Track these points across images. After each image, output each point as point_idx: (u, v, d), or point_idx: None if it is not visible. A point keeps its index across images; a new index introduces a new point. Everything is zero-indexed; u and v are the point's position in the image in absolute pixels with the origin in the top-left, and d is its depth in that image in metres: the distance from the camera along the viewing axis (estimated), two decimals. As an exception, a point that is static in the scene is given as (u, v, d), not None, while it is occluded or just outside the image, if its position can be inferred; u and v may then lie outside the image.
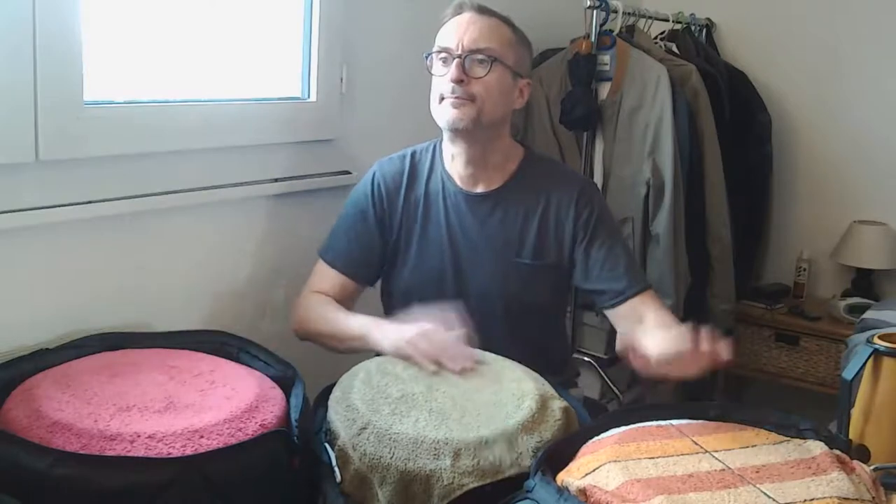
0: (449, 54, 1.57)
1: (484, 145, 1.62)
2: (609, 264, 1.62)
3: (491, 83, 1.56)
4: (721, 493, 0.98)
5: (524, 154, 1.69)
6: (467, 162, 1.63)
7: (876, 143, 2.89)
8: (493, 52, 1.56)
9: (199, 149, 1.65)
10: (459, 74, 1.54)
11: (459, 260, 1.66)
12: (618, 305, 1.61)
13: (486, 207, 1.65)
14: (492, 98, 1.56)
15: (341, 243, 1.69)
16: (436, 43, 1.60)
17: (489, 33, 1.57)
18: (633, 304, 1.60)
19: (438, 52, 1.59)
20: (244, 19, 1.77)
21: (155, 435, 1.11)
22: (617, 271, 1.61)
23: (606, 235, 1.64)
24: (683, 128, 2.47)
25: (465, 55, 1.55)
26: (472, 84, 1.55)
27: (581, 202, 1.64)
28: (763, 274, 3.09)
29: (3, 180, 1.34)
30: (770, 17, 3.02)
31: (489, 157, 1.64)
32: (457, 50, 1.56)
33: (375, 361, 1.40)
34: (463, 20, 1.59)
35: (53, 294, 1.45)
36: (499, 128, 1.63)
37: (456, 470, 1.13)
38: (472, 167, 1.64)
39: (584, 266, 1.63)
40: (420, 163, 1.70)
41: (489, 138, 1.61)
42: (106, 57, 1.51)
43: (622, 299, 1.60)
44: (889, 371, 1.25)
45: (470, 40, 1.55)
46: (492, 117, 1.58)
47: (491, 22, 1.59)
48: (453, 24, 1.60)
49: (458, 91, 1.55)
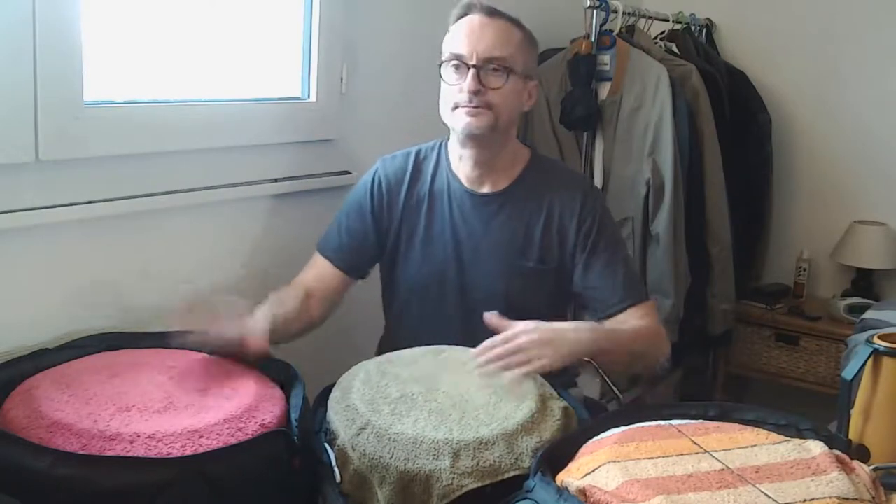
0: (462, 63, 1.54)
1: (494, 149, 1.62)
2: (607, 273, 1.62)
3: (507, 92, 1.55)
4: (721, 493, 0.98)
5: (530, 156, 1.70)
6: (476, 164, 1.64)
7: (876, 143, 2.90)
8: (508, 62, 1.54)
9: (199, 149, 1.65)
10: (476, 85, 1.52)
11: (463, 259, 1.66)
12: (611, 316, 1.62)
13: (492, 208, 1.65)
14: (507, 106, 1.56)
15: (334, 234, 1.70)
16: (446, 49, 1.58)
17: (502, 40, 1.55)
18: (626, 315, 1.60)
19: (450, 59, 1.56)
20: (244, 19, 1.77)
21: (155, 435, 1.10)
22: (614, 281, 1.62)
23: (607, 244, 1.64)
24: (683, 128, 2.47)
25: (481, 66, 1.53)
26: (488, 93, 1.54)
27: (585, 209, 1.64)
28: (763, 274, 3.09)
29: (3, 180, 1.34)
30: (770, 17, 3.03)
31: (497, 160, 1.64)
32: (471, 59, 1.53)
33: (375, 362, 1.40)
34: (474, 25, 1.56)
35: (53, 294, 1.45)
36: (509, 132, 1.64)
37: (455, 470, 1.13)
38: (480, 169, 1.64)
39: (583, 274, 1.64)
40: (425, 161, 1.70)
41: (500, 142, 1.62)
42: (106, 57, 1.51)
43: (615, 311, 1.61)
44: (889, 371, 1.25)
45: (484, 49, 1.53)
46: (505, 124, 1.58)
47: (502, 26, 1.56)
48: (464, 28, 1.56)
49: (476, 101, 1.53)
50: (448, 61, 1.57)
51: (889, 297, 2.88)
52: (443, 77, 1.59)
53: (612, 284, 1.62)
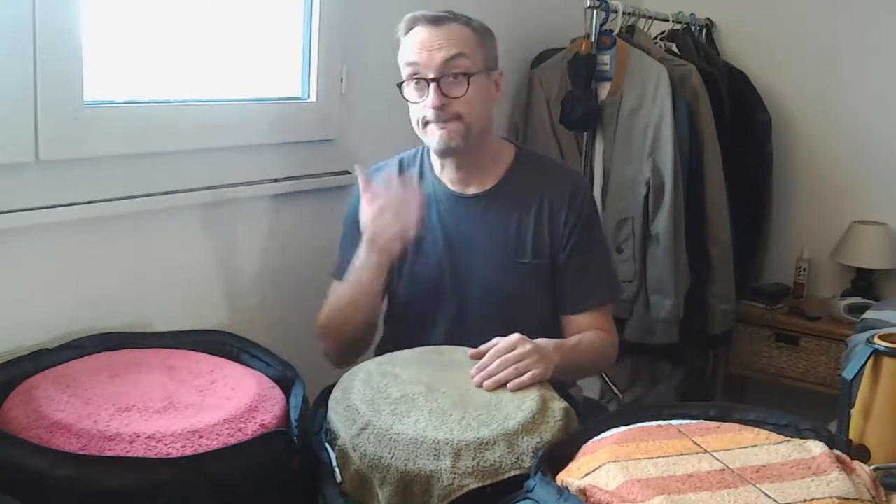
0: (422, 78, 1.53)
1: (474, 153, 1.61)
2: (578, 273, 1.63)
3: (472, 98, 1.53)
4: (721, 494, 0.98)
5: (515, 152, 1.69)
6: (458, 168, 1.64)
7: (876, 143, 2.89)
8: (466, 67, 1.52)
9: (199, 149, 1.65)
10: (440, 99, 1.51)
11: (457, 261, 1.65)
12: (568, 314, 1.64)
13: (480, 207, 1.65)
14: (476, 110, 1.55)
15: (343, 258, 1.66)
16: (401, 66, 1.56)
17: (455, 44, 1.52)
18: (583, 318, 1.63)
19: (409, 76, 1.55)
20: (244, 19, 1.77)
21: (155, 435, 1.11)
22: (583, 282, 1.63)
23: (586, 244, 1.64)
24: (683, 128, 2.47)
25: (440, 76, 1.51)
26: (453, 104, 1.52)
27: (573, 204, 1.63)
28: (763, 274, 3.09)
29: (3, 180, 1.34)
30: (770, 17, 3.02)
31: (480, 160, 1.64)
32: (428, 74, 1.51)
33: (375, 362, 1.40)
34: (423, 37, 1.53)
35: (53, 294, 1.45)
36: (486, 131, 1.63)
37: (456, 471, 1.13)
38: (464, 171, 1.64)
39: (563, 267, 1.64)
40: (409, 169, 1.69)
41: (478, 145, 1.61)
42: (106, 57, 1.51)
43: (574, 311, 1.63)
44: (889, 371, 1.25)
45: (439, 59, 1.51)
46: (479, 127, 1.57)
47: (451, 30, 1.53)
48: (413, 43, 1.54)
49: (443, 115, 1.52)
50: (408, 79, 1.55)
51: (889, 297, 2.87)
52: (405, 96, 1.57)
53: (584, 283, 1.63)
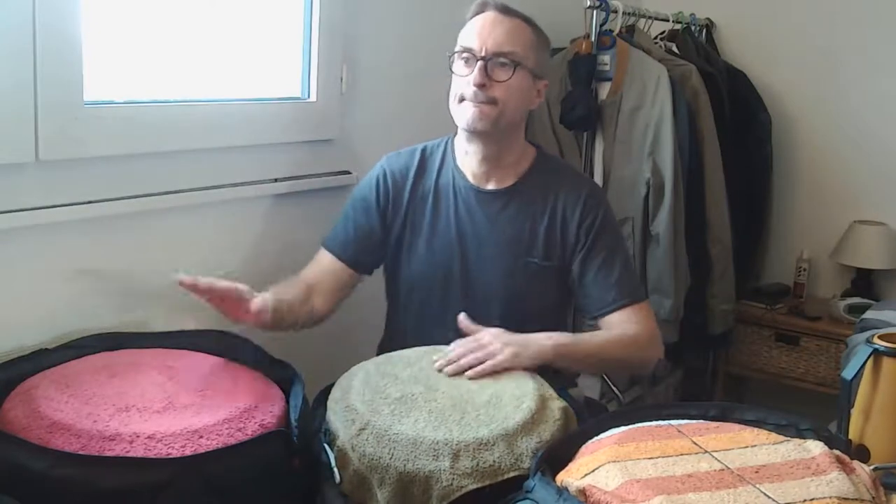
0: (472, 55, 1.56)
1: (500, 145, 1.62)
2: (602, 273, 1.62)
3: (512, 86, 1.56)
4: (721, 494, 0.98)
5: (536, 154, 1.70)
6: (482, 160, 1.64)
7: (876, 143, 2.90)
8: (516, 56, 1.55)
9: (199, 149, 1.65)
10: (482, 79, 1.54)
11: (467, 254, 1.66)
12: (602, 317, 1.62)
13: (498, 204, 1.65)
14: (513, 101, 1.57)
15: (340, 230, 1.70)
16: (459, 42, 1.60)
17: (513, 36, 1.56)
18: (618, 317, 1.61)
19: (461, 52, 1.58)
20: (244, 19, 1.77)
21: (154, 435, 1.11)
22: (608, 282, 1.62)
23: (605, 244, 1.64)
24: (683, 128, 2.47)
25: (489, 58, 1.55)
26: (494, 87, 1.55)
27: (587, 206, 1.64)
28: (763, 274, 3.09)
29: (3, 180, 1.34)
30: (770, 17, 3.02)
31: (504, 156, 1.64)
32: (480, 52, 1.55)
33: (374, 362, 1.40)
34: (487, 20, 1.58)
35: (53, 294, 1.45)
36: (516, 128, 1.64)
37: (455, 471, 1.13)
38: (486, 165, 1.64)
39: (579, 272, 1.64)
40: (430, 158, 1.71)
41: (505, 138, 1.62)
42: (106, 57, 1.51)
43: (606, 312, 1.62)
44: (889, 371, 1.25)
45: (494, 43, 1.55)
46: (511, 119, 1.59)
47: (514, 23, 1.58)
48: (477, 23, 1.59)
49: (481, 95, 1.55)
50: (459, 53, 1.59)
51: (889, 297, 2.87)
52: (452, 69, 1.60)
53: (605, 285, 1.62)
